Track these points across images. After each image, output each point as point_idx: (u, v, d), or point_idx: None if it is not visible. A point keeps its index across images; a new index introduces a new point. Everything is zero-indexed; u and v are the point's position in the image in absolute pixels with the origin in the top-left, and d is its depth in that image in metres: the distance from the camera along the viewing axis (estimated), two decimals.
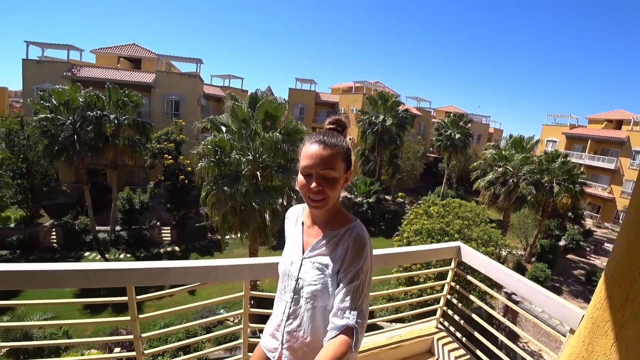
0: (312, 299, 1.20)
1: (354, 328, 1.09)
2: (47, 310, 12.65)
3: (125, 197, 19.79)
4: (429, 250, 2.79)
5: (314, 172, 1.14)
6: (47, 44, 24.61)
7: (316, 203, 1.17)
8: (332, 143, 1.17)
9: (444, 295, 2.98)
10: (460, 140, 31.33)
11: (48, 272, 1.72)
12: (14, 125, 19.03)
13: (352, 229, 1.21)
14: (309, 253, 1.25)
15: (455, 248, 2.78)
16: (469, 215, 12.83)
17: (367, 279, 1.18)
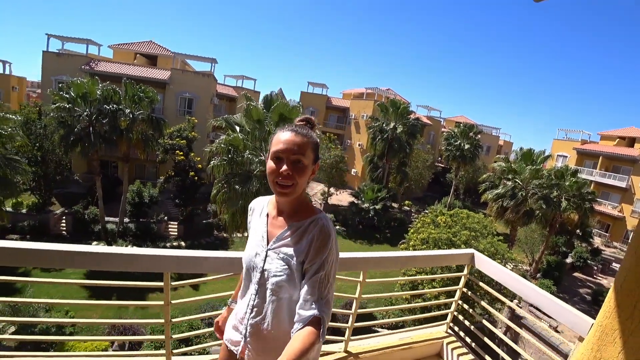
0: (277, 290, 1.20)
1: (321, 318, 1.11)
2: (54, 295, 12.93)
3: (135, 190, 20.08)
4: (443, 255, 2.88)
5: (284, 157, 1.17)
6: (67, 38, 25.13)
7: (284, 189, 1.18)
8: (304, 133, 1.21)
9: (455, 300, 3.05)
10: (470, 151, 31.20)
11: (92, 253, 1.84)
12: (32, 114, 19.46)
13: (317, 220, 1.22)
14: (274, 244, 1.25)
15: (469, 255, 2.86)
16: (476, 227, 12.84)
17: (332, 270, 1.19)
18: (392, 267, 2.51)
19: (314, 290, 1.13)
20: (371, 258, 2.37)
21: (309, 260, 1.16)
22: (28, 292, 12.65)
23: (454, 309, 3.08)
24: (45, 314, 12.13)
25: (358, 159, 34.21)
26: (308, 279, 1.15)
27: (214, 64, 27.11)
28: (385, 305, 12.01)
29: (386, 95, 35.58)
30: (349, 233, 25.51)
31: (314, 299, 1.13)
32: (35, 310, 11.54)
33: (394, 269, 2.45)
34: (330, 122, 38.21)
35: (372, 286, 14.03)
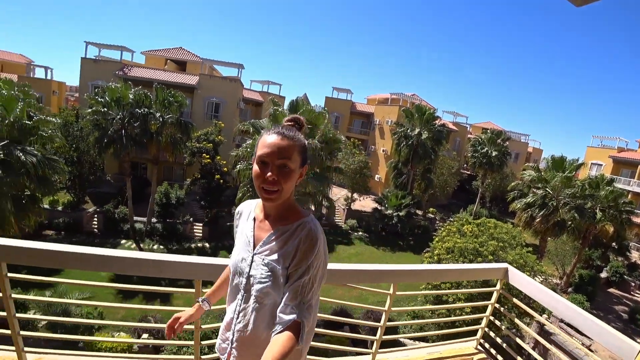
0: (262, 297, 1.18)
1: (301, 322, 1.09)
2: (85, 291, 13.45)
3: (163, 191, 20.70)
4: (476, 270, 2.79)
5: (270, 162, 1.14)
6: (103, 45, 26.34)
7: (269, 194, 1.15)
8: (290, 136, 1.17)
9: (486, 316, 2.95)
10: (497, 158, 30.29)
11: (126, 258, 1.89)
12: (70, 117, 20.47)
13: (304, 224, 1.19)
14: (260, 248, 1.22)
15: (502, 270, 2.76)
16: (504, 237, 12.43)
17: (318, 274, 1.16)
18: (423, 280, 2.46)
19: (296, 295, 1.11)
20: (400, 270, 2.33)
21: (294, 264, 1.14)
22: (60, 288, 13.21)
23: (484, 324, 2.98)
24: (76, 308, 12.65)
25: (382, 165, 33.90)
26: (292, 282, 1.13)
27: (240, 70, 27.65)
28: (411, 317, 11.79)
29: (411, 100, 35.18)
30: (372, 239, 25.26)
31: (296, 302, 1.11)
32: (67, 306, 12.04)
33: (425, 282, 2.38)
34: (355, 128, 38.11)
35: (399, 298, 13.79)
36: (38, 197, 11.88)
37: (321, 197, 13.02)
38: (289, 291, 1.12)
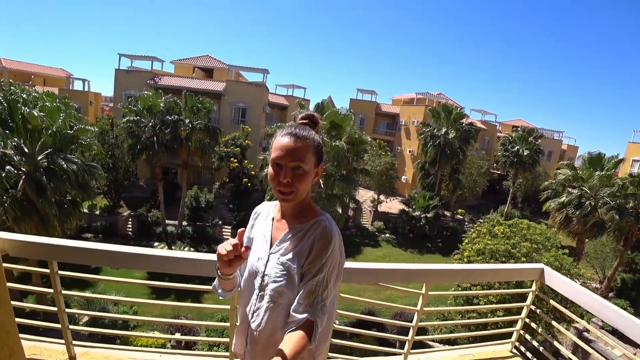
0: (277, 295, 1.16)
1: (314, 322, 1.08)
2: (120, 290, 14.07)
3: (193, 195, 21.33)
4: (510, 270, 2.73)
5: (283, 164, 1.13)
6: (135, 56, 27.59)
7: (285, 196, 1.15)
8: (304, 136, 1.15)
9: (522, 318, 2.86)
10: (529, 156, 29.04)
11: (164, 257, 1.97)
12: (106, 126, 21.51)
13: (319, 222, 1.19)
14: (276, 247, 1.22)
15: (537, 270, 2.68)
16: (538, 239, 11.94)
17: (333, 273, 1.16)
18: (455, 280, 2.44)
19: (310, 293, 1.11)
20: (432, 270, 2.30)
21: (309, 262, 1.14)
22: (100, 287, 13.86)
23: (519, 327, 2.89)
24: (114, 307, 13.25)
25: (409, 166, 33.44)
26: (306, 281, 1.13)
27: (265, 74, 28.10)
28: (441, 319, 11.55)
29: (437, 100, 34.53)
30: (399, 241, 24.94)
31: (309, 301, 1.10)
32: (106, 304, 12.64)
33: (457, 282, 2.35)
34: (380, 129, 37.82)
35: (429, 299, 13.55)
36: (78, 201, 12.53)
37: (348, 198, 13.00)
38: (303, 290, 1.12)
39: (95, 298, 2.34)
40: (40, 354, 2.10)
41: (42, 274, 1.90)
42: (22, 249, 1.80)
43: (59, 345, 2.17)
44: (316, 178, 1.22)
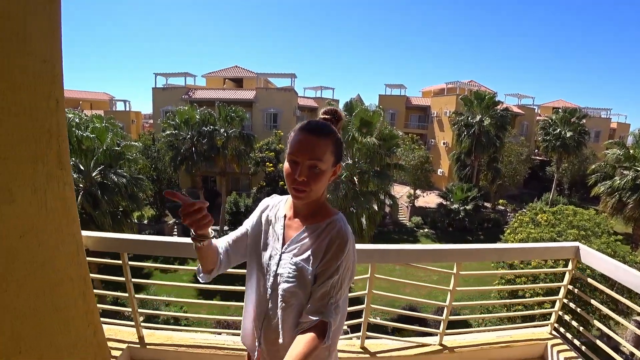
0: (289, 295, 1.14)
1: (327, 323, 1.07)
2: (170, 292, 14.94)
3: (232, 200, 22.18)
4: (543, 248, 2.75)
5: (300, 162, 1.09)
6: (169, 74, 29.17)
7: (299, 194, 1.11)
8: (323, 133, 1.12)
9: (559, 299, 2.82)
10: (573, 139, 27.28)
11: None
12: (148, 141, 22.91)
13: (334, 222, 1.16)
14: (289, 247, 1.19)
15: (572, 248, 2.67)
16: (586, 225, 11.35)
17: (347, 275, 1.15)
18: (486, 258, 2.49)
19: (324, 295, 1.10)
20: (463, 249, 2.39)
21: (324, 263, 1.11)
22: (152, 289, 14.79)
23: (558, 308, 2.86)
24: (165, 307, 14.10)
25: (444, 158, 32.71)
26: (320, 282, 1.10)
27: (293, 79, 28.65)
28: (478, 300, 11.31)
29: (469, 87, 33.52)
30: (439, 236, 24.50)
31: (324, 302, 1.09)
32: (158, 305, 13.49)
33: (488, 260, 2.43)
34: (412, 123, 37.29)
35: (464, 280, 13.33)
36: (129, 212, 13.51)
37: (384, 194, 13.04)
38: (317, 291, 1.10)
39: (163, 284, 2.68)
40: (114, 335, 2.43)
41: (116, 265, 2.22)
42: (100, 243, 2.12)
43: (130, 328, 2.49)
44: (333, 177, 1.18)
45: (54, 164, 1.61)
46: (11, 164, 1.38)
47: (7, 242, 1.39)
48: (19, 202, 1.44)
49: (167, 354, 2.34)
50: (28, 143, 1.46)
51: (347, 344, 2.52)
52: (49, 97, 1.55)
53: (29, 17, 1.40)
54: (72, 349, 1.82)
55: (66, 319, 1.77)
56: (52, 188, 1.61)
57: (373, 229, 12.12)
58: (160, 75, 29.10)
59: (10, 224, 1.40)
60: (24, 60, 1.40)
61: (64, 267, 1.74)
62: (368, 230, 12.03)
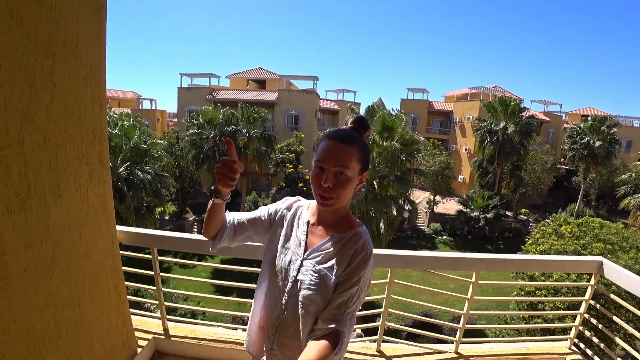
0: (309, 303, 1.13)
1: (342, 332, 1.07)
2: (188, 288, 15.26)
3: (252, 200, 22.45)
4: (565, 261, 2.71)
5: (326, 168, 1.09)
6: (194, 74, 29.89)
7: (325, 201, 1.11)
8: (350, 140, 1.12)
9: (580, 313, 2.77)
10: (602, 148, 26.03)
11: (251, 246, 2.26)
12: (172, 139, 23.54)
13: (359, 234, 1.17)
14: (312, 254, 1.19)
15: (596, 263, 2.62)
16: (613, 239, 10.91)
17: (365, 286, 1.16)
18: (506, 269, 2.48)
19: (342, 305, 1.10)
20: (483, 259, 2.39)
21: (346, 274, 1.12)
22: (172, 284, 15.15)
23: (579, 322, 2.81)
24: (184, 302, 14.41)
25: (465, 165, 32.14)
26: (340, 292, 1.11)
27: (315, 81, 28.84)
28: (495, 310, 11.09)
29: (493, 93, 32.83)
30: (457, 244, 24.07)
31: (340, 312, 1.09)
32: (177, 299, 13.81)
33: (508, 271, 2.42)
34: (433, 128, 36.84)
35: (482, 289, 13.10)
36: (152, 207, 13.92)
37: (403, 199, 12.96)
38: (336, 299, 1.10)
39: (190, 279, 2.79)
40: (141, 325, 2.55)
41: (146, 259, 2.34)
42: (132, 238, 2.25)
43: (156, 320, 2.61)
44: (359, 185, 1.18)
45: (96, 163, 1.73)
46: (60, 162, 1.51)
47: (53, 234, 1.51)
48: (65, 197, 1.56)
49: (190, 346, 2.44)
50: (75, 143, 1.58)
51: (363, 347, 2.56)
52: (94, 101, 1.67)
53: (80, 26, 1.52)
54: (104, 337, 1.94)
55: (100, 308, 1.89)
56: (94, 185, 1.73)
57: (391, 233, 12.06)
58: (186, 76, 29.88)
59: (57, 218, 1.52)
60: (75, 66, 1.52)
61: (100, 260, 1.86)
62: (386, 235, 11.98)
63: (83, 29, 1.54)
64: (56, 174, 1.49)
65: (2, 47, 1.18)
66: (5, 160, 1.25)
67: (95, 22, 1.62)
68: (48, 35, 1.36)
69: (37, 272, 1.45)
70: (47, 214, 1.46)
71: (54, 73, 1.41)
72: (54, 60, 1.40)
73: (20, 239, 1.35)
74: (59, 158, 1.50)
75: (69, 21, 1.45)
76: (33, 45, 1.30)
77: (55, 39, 1.39)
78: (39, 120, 1.37)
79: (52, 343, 1.55)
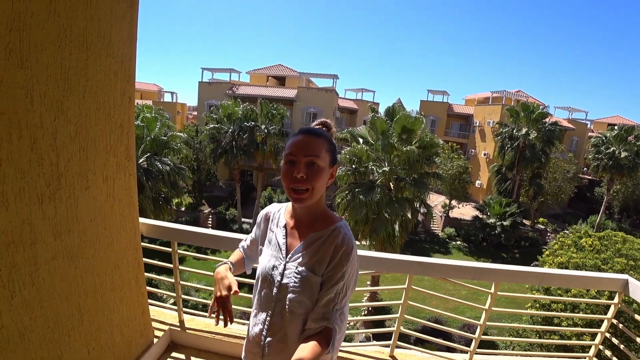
0: (296, 305, 1.12)
1: (333, 330, 1.08)
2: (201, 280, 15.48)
3: (267, 195, 22.69)
4: (588, 277, 2.62)
5: (297, 160, 1.09)
6: (215, 69, 30.29)
7: (299, 195, 1.10)
8: (318, 133, 1.15)
9: (602, 332, 2.69)
10: (628, 159, 24.88)
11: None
12: (191, 132, 23.91)
13: (338, 229, 1.15)
14: (293, 256, 1.17)
15: (621, 281, 2.52)
16: (636, 255, 10.51)
17: (351, 282, 1.15)
18: (526, 282, 2.42)
19: (329, 302, 1.10)
20: (503, 270, 2.34)
21: (329, 271, 1.11)
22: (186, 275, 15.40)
23: (599, 341, 2.73)
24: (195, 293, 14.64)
25: (483, 170, 31.56)
26: (325, 290, 1.11)
27: (335, 80, 28.78)
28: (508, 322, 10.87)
29: (516, 98, 32.10)
30: (471, 250, 23.69)
31: (329, 309, 1.10)
32: (188, 290, 14.06)
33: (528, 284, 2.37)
34: (452, 131, 36.29)
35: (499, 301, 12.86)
36: (169, 199, 14.17)
37: (419, 203, 12.83)
38: (322, 298, 1.11)
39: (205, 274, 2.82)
40: (158, 316, 2.60)
41: (166, 251, 2.38)
42: (153, 231, 2.29)
43: (172, 311, 2.66)
44: (331, 180, 1.18)
45: (122, 156, 1.77)
46: (89, 154, 1.54)
47: (80, 224, 1.55)
48: (92, 189, 1.59)
49: (205, 340, 2.47)
50: (104, 136, 1.62)
51: (376, 351, 2.55)
52: (123, 95, 1.70)
53: (114, 22, 1.55)
54: (123, 326, 1.98)
55: (121, 298, 1.93)
56: (120, 178, 1.77)
57: (404, 236, 11.95)
58: (207, 70, 30.30)
59: (84, 209, 1.56)
60: (107, 61, 1.55)
61: (123, 251, 1.90)
62: (400, 238, 11.88)
63: (116, 25, 1.56)
64: (85, 166, 1.53)
65: (39, 41, 1.21)
66: (38, 152, 1.28)
67: (128, 18, 1.64)
68: (83, 30, 1.39)
69: (64, 260, 1.49)
70: (75, 205, 1.50)
71: (88, 67, 1.44)
72: (88, 54, 1.43)
73: (49, 228, 1.39)
74: (88, 151, 1.53)
75: (103, 17, 1.48)
76: (68, 40, 1.33)
77: (90, 34, 1.42)
78: (71, 114, 1.40)
79: (75, 330, 1.60)
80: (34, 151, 1.27)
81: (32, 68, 1.20)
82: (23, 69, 1.17)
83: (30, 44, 1.18)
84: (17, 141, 1.20)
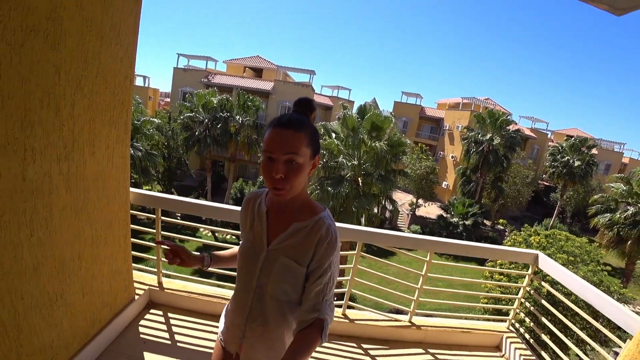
0: (279, 292, 1.14)
1: (324, 320, 1.09)
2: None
3: (238, 186, 22.69)
4: (507, 251, 3.18)
5: (275, 158, 1.03)
6: (192, 56, 29.74)
7: (279, 191, 1.06)
8: (296, 126, 1.05)
9: (518, 298, 3.21)
10: (580, 168, 27.44)
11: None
12: (163, 119, 23.50)
13: (322, 220, 1.13)
14: (277, 245, 1.15)
15: (533, 255, 3.07)
16: (575, 252, 11.63)
17: (335, 271, 1.16)
18: (456, 252, 2.91)
19: (319, 293, 1.11)
20: (437, 240, 2.84)
21: (315, 261, 1.11)
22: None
23: (516, 306, 3.24)
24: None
25: (450, 172, 32.96)
26: (313, 281, 1.11)
27: (312, 75, 29.06)
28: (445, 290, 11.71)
29: (484, 105, 33.69)
30: None
31: (319, 301, 1.10)
32: None
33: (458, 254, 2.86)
34: (423, 133, 37.53)
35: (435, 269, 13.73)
36: (140, 184, 14.06)
37: (384, 198, 13.44)
38: (311, 290, 1.11)
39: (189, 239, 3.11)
40: (138, 278, 2.89)
41: (151, 218, 2.69)
42: (139, 198, 2.60)
43: (152, 274, 2.96)
44: (313, 170, 1.13)
45: (122, 129, 2.09)
46: (97, 125, 1.86)
47: (86, 183, 1.86)
48: (97, 155, 1.92)
49: (182, 298, 2.80)
50: (108, 111, 1.94)
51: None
52: (126, 78, 2.03)
53: (123, 16, 1.87)
54: (112, 278, 2.30)
55: (112, 252, 2.25)
56: (118, 147, 2.09)
57: None
58: (183, 56, 29.69)
59: (90, 170, 1.88)
60: (116, 49, 1.87)
61: (116, 211, 2.21)
62: None
63: (125, 18, 1.88)
64: (93, 134, 1.84)
65: (68, 30, 1.52)
66: (60, 118, 1.60)
67: (134, 13, 1.96)
68: (100, 22, 1.70)
69: (71, 212, 1.79)
70: (83, 166, 1.81)
71: (101, 53, 1.76)
72: (102, 42, 1.75)
73: (63, 182, 1.70)
74: (96, 122, 1.84)
75: (115, 12, 1.79)
76: (89, 30, 1.64)
77: (105, 26, 1.74)
78: (87, 90, 1.72)
79: (75, 274, 1.90)
80: (57, 117, 1.58)
81: (62, 51, 1.52)
82: (55, 51, 1.48)
83: (62, 31, 1.49)
84: (47, 108, 1.51)
